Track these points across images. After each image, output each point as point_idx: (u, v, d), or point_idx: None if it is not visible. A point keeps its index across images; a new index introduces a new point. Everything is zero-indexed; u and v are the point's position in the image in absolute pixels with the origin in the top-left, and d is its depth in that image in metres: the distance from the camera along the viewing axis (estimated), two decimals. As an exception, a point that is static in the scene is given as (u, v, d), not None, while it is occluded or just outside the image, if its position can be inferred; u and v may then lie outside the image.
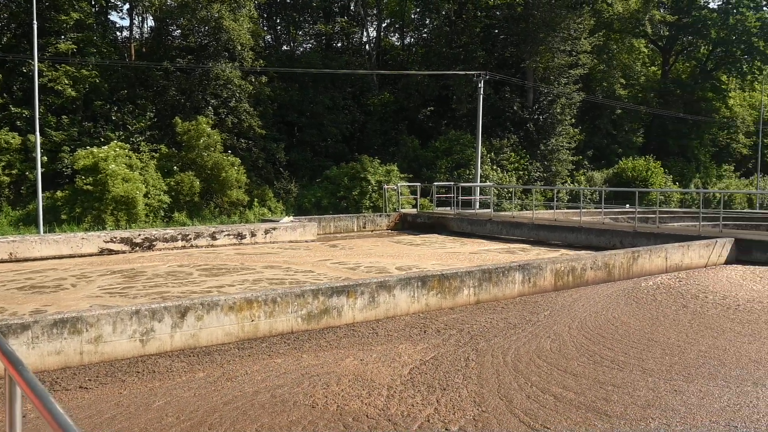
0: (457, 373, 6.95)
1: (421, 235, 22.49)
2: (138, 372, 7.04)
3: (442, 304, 10.22)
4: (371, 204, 27.85)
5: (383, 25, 42.29)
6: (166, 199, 24.21)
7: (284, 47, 38.29)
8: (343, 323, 9.15)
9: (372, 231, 23.78)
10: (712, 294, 11.48)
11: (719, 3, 48.29)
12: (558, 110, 35.92)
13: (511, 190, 30.77)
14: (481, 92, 30.25)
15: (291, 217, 22.90)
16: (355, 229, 23.47)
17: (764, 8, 47.36)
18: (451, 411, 5.91)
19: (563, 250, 17.54)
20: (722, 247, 15.35)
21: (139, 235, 17.56)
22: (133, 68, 27.99)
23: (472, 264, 14.45)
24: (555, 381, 6.73)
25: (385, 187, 27.20)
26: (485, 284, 10.80)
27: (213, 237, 18.62)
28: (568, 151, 36.72)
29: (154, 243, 17.61)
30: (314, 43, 39.53)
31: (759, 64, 47.57)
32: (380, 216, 24.86)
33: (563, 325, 9.15)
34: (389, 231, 24.26)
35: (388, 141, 35.25)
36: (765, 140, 51.33)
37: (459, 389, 6.47)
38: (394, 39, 44.51)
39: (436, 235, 22.63)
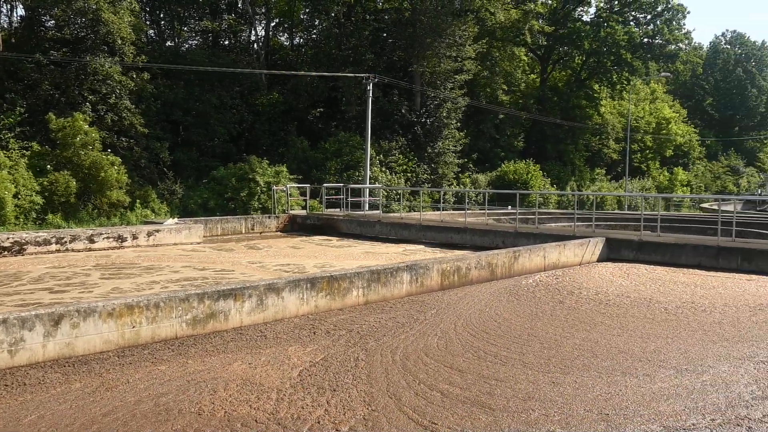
0: (347, 374, 6.98)
1: (310, 237, 22.41)
2: (6, 385, 6.56)
3: (331, 306, 10.23)
4: (260, 206, 27.43)
5: (272, 24, 41.78)
6: (39, 200, 22.70)
7: (168, 43, 37.01)
8: (231, 327, 8.95)
9: (260, 233, 23.43)
10: (586, 290, 12.19)
11: (592, 16, 51.42)
12: (444, 114, 36.90)
13: (399, 191, 31.27)
14: (370, 95, 30.56)
15: (176, 219, 22.15)
16: (243, 231, 23.03)
17: (631, 23, 50.86)
18: (341, 411, 5.92)
19: (450, 250, 18.03)
20: (595, 246, 16.33)
21: (8, 238, 16.38)
22: (0, 60, 26.06)
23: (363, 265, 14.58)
24: (442, 377, 6.90)
25: (274, 188, 26.88)
26: (374, 285, 10.92)
27: (91, 240, 17.68)
28: (454, 154, 37.78)
29: (25, 247, 16.50)
30: (200, 40, 38.47)
31: (627, 74, 51.08)
32: (269, 218, 24.54)
33: (449, 323, 9.41)
34: (278, 233, 23.99)
35: (278, 141, 34.87)
36: (632, 146, 55.16)
37: (349, 389, 6.50)
38: (283, 39, 44.11)
39: (325, 236, 22.63)
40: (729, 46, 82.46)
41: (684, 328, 9.21)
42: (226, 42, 39.18)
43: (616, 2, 50.76)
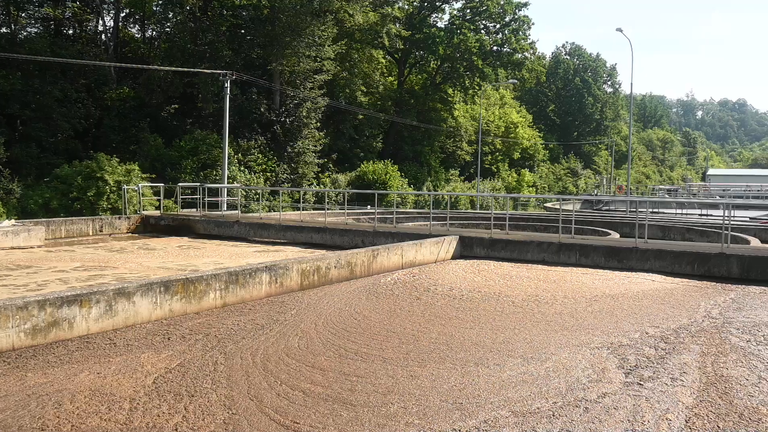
0: (206, 378, 6.81)
1: (164, 238, 21.53)
2: None
3: (187, 309, 9.91)
4: (110, 206, 25.96)
5: (122, 14, 39.65)
6: None
7: (3, 29, 34.02)
8: (77, 335, 8.41)
9: (110, 234, 22.19)
10: (441, 286, 12.68)
11: (446, 23, 53.47)
12: (304, 114, 36.85)
13: (259, 191, 30.82)
14: (228, 92, 29.85)
15: (13, 221, 20.42)
16: (91, 233, 21.70)
17: (482, 31, 53.47)
18: (200, 417, 5.77)
19: (310, 250, 18.04)
20: (449, 244, 17.02)
21: None
22: None
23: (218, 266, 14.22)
24: (304, 377, 6.92)
25: (125, 187, 25.54)
26: (232, 286, 10.71)
27: None
28: (314, 154, 37.83)
29: None
30: (41, 27, 35.70)
31: (478, 80, 53.65)
32: (120, 219, 23.29)
33: (310, 322, 9.43)
34: (130, 234, 22.84)
35: (129, 138, 33.16)
36: (484, 148, 57.97)
37: (208, 394, 6.34)
38: (134, 31, 41.99)
39: (180, 237, 21.84)
40: (569, 57, 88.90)
41: (529, 320, 9.84)
42: (71, 31, 36.65)
43: (468, 11, 53.14)
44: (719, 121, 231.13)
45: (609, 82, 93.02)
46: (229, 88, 29.84)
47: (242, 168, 32.85)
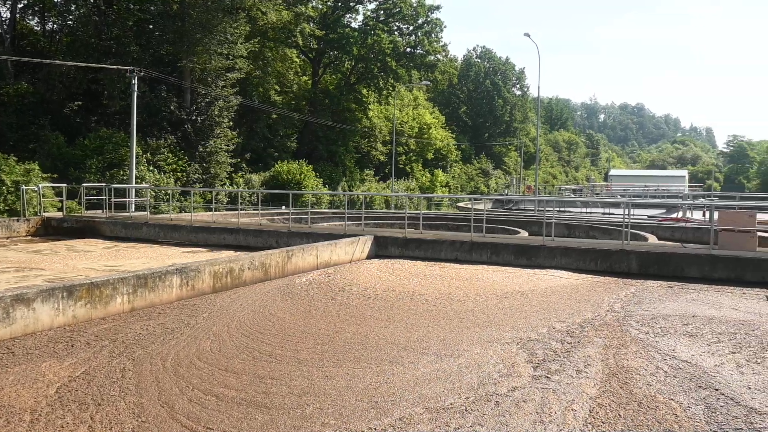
0: (113, 386, 6.56)
1: (65, 241, 20.57)
2: None
3: (92, 315, 9.51)
4: (6, 208, 24.52)
5: (19, 5, 37.51)
6: None
7: None
8: (-28, 345, 7.92)
9: (8, 238, 21.00)
10: (356, 286, 12.73)
11: (360, 24, 53.67)
12: (216, 112, 36.05)
13: (169, 192, 29.93)
14: (135, 89, 28.78)
15: None
16: (-14, 236, 20.46)
17: (395, 33, 54.01)
18: (107, 427, 5.56)
19: (223, 252, 17.69)
20: (364, 244, 17.10)
21: None
22: None
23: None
24: (217, 381, 6.79)
25: (24, 188, 24.21)
26: (141, 290, 10.37)
27: None
28: (226, 154, 37.07)
29: None
30: (-74, 17, 33.33)
31: (392, 81, 54.14)
32: (18, 221, 22.08)
33: (222, 325, 9.26)
34: (30, 238, 21.68)
35: (28, 136, 31.42)
36: (398, 149, 58.55)
37: (116, 402, 6.12)
38: (33, 23, 39.81)
39: (86, 240, 20.93)
40: (479, 60, 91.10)
41: (443, 317, 10.03)
42: (-39, 22, 34.43)
43: (382, 12, 53.54)
44: (620, 124, 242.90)
45: (518, 85, 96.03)
46: (136, 85, 28.79)
47: (151, 168, 31.79)
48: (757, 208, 26.03)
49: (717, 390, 6.66)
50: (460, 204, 47.42)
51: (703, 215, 30.10)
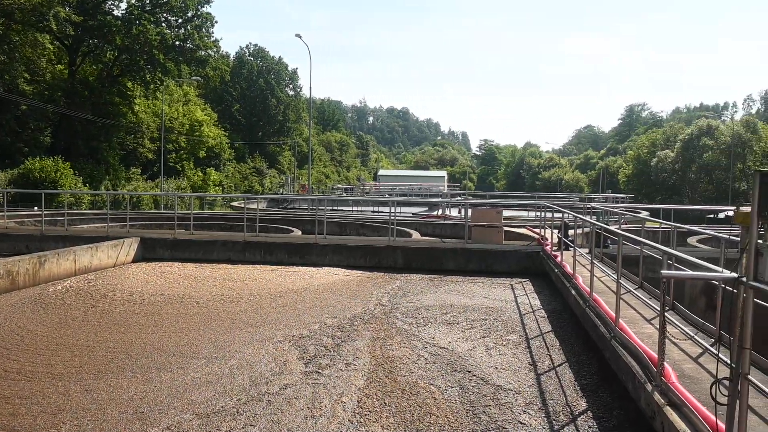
0: None
1: None
2: None
3: None
4: None
5: None
6: None
7: None
8: None
9: None
10: (120, 292, 11.97)
11: (123, 12, 50.33)
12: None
13: None
14: None
15: None
16: None
17: (163, 24, 51.53)
18: None
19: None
20: (129, 247, 16.12)
21: None
22: None
23: None
24: (-51, 407, 5.97)
25: None
26: None
27: None
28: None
29: None
30: None
31: (160, 75, 51.57)
32: None
33: (-41, 343, 8.17)
34: None
35: None
36: (168, 146, 56.01)
37: None
38: None
39: None
40: (252, 58, 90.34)
41: (215, 319, 9.83)
42: None
43: (148, 1, 50.73)
44: (387, 127, 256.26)
45: (291, 85, 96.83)
46: None
47: None
48: (503, 206, 29.05)
49: (470, 372, 7.34)
50: (234, 203, 46.67)
51: (459, 212, 32.85)
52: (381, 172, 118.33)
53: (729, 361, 4.11)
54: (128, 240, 16.15)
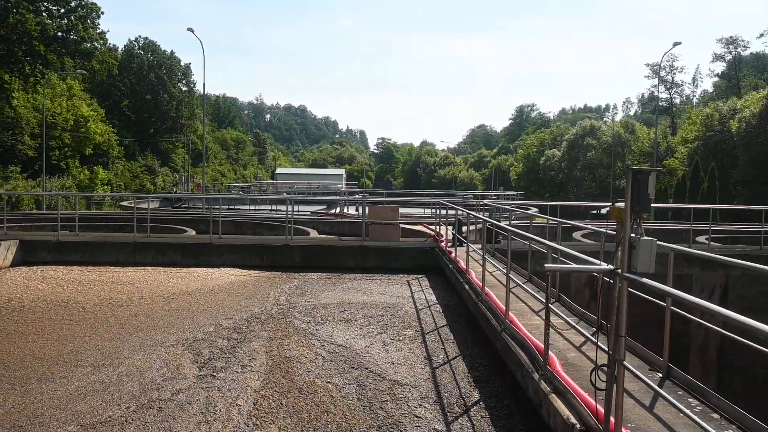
0: None
1: None
2: None
3: None
4: None
5: None
6: None
7: None
8: None
9: None
10: (-2, 298, 11.20)
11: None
12: None
13: None
14: None
15: None
16: None
17: (44, 14, 48.61)
18: None
19: None
20: (7, 250, 15.10)
21: None
22: None
23: None
24: None
25: None
26: None
27: None
28: None
29: None
30: None
31: (41, 67, 48.62)
32: None
33: None
34: None
35: None
36: (50, 143, 52.91)
37: None
38: None
39: None
40: (142, 52, 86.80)
41: (102, 325, 9.39)
42: None
43: (26, -11, 47.65)
44: (285, 125, 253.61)
45: (184, 81, 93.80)
46: None
47: None
48: (400, 203, 29.46)
49: (367, 369, 7.39)
50: (124, 203, 44.72)
51: (357, 210, 33.03)
52: (279, 170, 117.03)
53: (607, 348, 4.36)
54: (5, 243, 15.12)
